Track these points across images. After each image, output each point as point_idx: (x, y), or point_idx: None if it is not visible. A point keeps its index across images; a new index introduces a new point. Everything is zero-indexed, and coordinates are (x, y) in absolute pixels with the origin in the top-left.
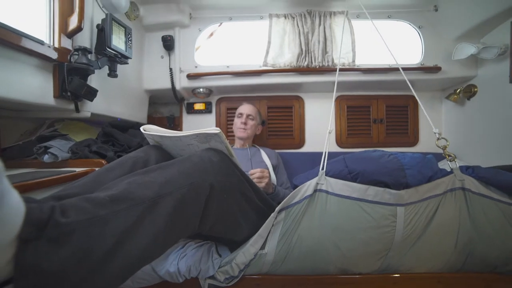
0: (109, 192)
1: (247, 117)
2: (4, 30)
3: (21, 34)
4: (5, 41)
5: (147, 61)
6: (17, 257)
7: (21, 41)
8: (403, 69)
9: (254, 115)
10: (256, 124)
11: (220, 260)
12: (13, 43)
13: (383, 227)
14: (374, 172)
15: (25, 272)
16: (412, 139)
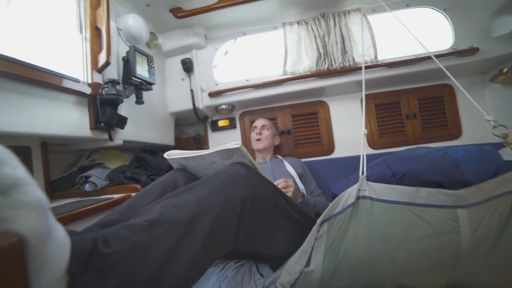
0: (146, 217)
1: (261, 128)
2: (47, 75)
3: (61, 76)
4: (49, 84)
5: (169, 85)
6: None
7: (62, 82)
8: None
9: (268, 126)
10: (272, 134)
11: (263, 281)
12: (55, 84)
13: (444, 234)
14: (422, 171)
15: None
16: (454, 131)
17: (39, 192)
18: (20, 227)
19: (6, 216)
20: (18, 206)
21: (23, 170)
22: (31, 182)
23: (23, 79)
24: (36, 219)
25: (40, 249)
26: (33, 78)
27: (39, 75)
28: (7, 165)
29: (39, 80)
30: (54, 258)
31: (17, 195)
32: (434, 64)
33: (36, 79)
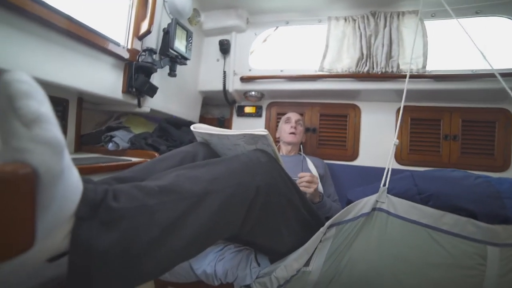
0: (158, 183)
1: (296, 122)
2: (93, 34)
3: (105, 38)
4: (93, 43)
5: (203, 64)
6: (73, 233)
7: (105, 43)
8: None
9: (302, 122)
10: (304, 130)
11: (258, 270)
12: (99, 44)
13: (465, 268)
14: (454, 196)
15: (78, 247)
16: (501, 163)
17: (58, 132)
18: (34, 160)
19: (25, 147)
20: (37, 141)
21: (49, 107)
22: (53, 121)
23: (71, 35)
24: (50, 157)
25: (51, 186)
26: (80, 35)
27: (86, 33)
28: (35, 100)
29: (85, 38)
30: (64, 198)
31: (38, 130)
32: (494, 83)
33: (83, 36)
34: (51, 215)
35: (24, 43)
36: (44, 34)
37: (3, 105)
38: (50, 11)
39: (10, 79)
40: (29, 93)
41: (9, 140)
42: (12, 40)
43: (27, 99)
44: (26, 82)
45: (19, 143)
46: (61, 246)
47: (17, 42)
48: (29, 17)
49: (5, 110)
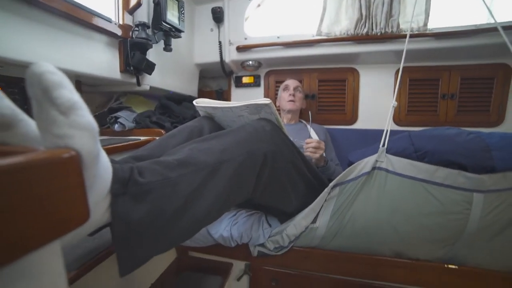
0: (175, 157)
1: (295, 90)
2: (83, 11)
3: (95, 14)
4: (83, 21)
5: (197, 35)
6: (112, 207)
7: (95, 20)
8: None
9: (301, 88)
10: (303, 97)
11: (270, 230)
12: (90, 22)
13: (453, 213)
14: (448, 151)
15: (118, 219)
16: (495, 118)
17: (91, 117)
18: (76, 144)
19: (66, 133)
20: (75, 126)
21: (78, 95)
22: (85, 107)
23: (61, 14)
24: (89, 140)
25: (92, 167)
26: (71, 14)
27: (76, 11)
28: (67, 89)
29: (75, 16)
30: (101, 178)
31: (75, 117)
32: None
33: (74, 15)
34: (95, 192)
35: (12, 25)
36: (33, 15)
37: (38, 96)
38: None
39: (41, 71)
40: (62, 83)
41: (49, 128)
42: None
43: (61, 89)
44: (56, 73)
45: (60, 130)
46: (102, 220)
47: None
48: None
49: (41, 101)
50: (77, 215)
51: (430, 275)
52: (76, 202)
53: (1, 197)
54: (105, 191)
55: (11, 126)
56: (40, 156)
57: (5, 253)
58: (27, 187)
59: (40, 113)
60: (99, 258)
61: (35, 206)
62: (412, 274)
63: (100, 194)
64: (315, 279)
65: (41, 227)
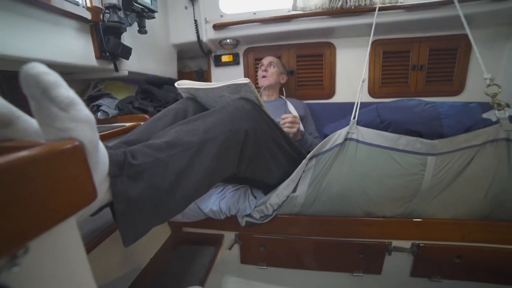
0: (163, 139)
1: (268, 65)
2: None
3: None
4: (45, 4)
5: (172, 14)
6: (111, 187)
7: (59, 2)
8: (461, 1)
9: (275, 63)
10: (279, 72)
11: (255, 201)
12: (53, 6)
13: (411, 175)
14: (407, 121)
15: (118, 197)
16: (457, 87)
17: (88, 111)
18: (79, 135)
19: (68, 127)
20: (76, 120)
21: (73, 92)
22: (81, 102)
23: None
24: (89, 131)
25: (94, 153)
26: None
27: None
28: (63, 87)
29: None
30: (101, 163)
31: (74, 111)
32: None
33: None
34: (98, 175)
35: None
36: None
37: (37, 95)
38: None
39: (36, 72)
40: (58, 82)
41: (52, 123)
42: None
43: (58, 88)
44: (50, 73)
45: (63, 125)
46: (104, 199)
47: None
48: None
49: (41, 100)
50: (88, 194)
51: (395, 228)
52: (86, 184)
53: (30, 183)
54: (104, 174)
55: (11, 123)
56: (52, 147)
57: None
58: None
59: (40, 110)
60: (101, 237)
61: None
62: (381, 229)
63: (101, 176)
64: (298, 242)
65: (62, 205)
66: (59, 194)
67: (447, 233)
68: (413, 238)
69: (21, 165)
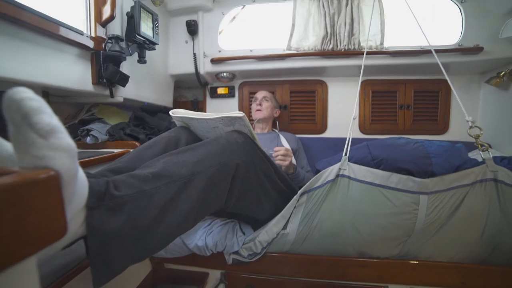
0: (150, 170)
1: (262, 99)
2: (52, 24)
3: (65, 26)
4: (52, 33)
5: (172, 47)
6: (87, 220)
7: (66, 32)
8: (437, 51)
9: (269, 97)
10: (272, 106)
11: (244, 238)
12: (59, 34)
13: (404, 214)
14: (398, 159)
15: (93, 232)
16: (442, 127)
17: (69, 139)
18: (56, 164)
19: (46, 155)
20: (54, 148)
21: (57, 118)
22: (63, 130)
23: (27, 26)
24: (68, 160)
25: (70, 185)
26: (38, 26)
27: (44, 24)
28: (46, 114)
29: (43, 29)
30: (78, 193)
31: (54, 139)
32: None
33: (41, 27)
34: (72, 207)
35: None
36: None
37: (16, 120)
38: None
39: (19, 97)
40: (41, 109)
41: (28, 150)
42: None
43: (40, 114)
44: (35, 99)
45: (40, 152)
46: (77, 233)
47: None
48: None
49: (20, 125)
50: (56, 230)
51: (391, 271)
52: (55, 218)
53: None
54: (81, 205)
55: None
56: (23, 176)
57: None
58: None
59: (18, 136)
60: (70, 274)
61: (17, 223)
62: (376, 271)
63: (76, 208)
64: (288, 283)
65: (21, 243)
66: (22, 229)
67: (446, 277)
68: (411, 283)
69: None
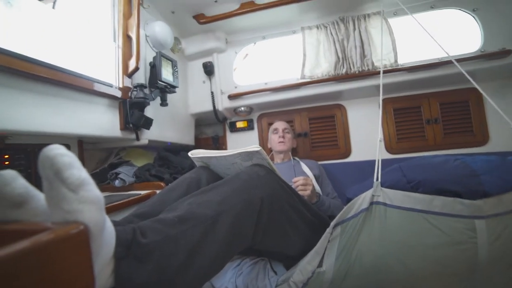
0: (175, 213)
1: (283, 131)
2: (86, 81)
3: (97, 81)
4: (87, 89)
5: (191, 88)
6: (116, 272)
7: (98, 87)
8: (458, 61)
9: (289, 129)
10: (292, 137)
11: (276, 278)
12: (92, 89)
13: (460, 243)
14: (438, 180)
15: (122, 283)
16: (480, 138)
17: (98, 191)
18: (85, 218)
19: (76, 208)
20: (84, 201)
21: (86, 172)
22: (92, 182)
23: (66, 85)
24: (96, 213)
25: (99, 237)
26: (74, 84)
27: (79, 81)
28: (76, 168)
29: (79, 86)
30: (106, 244)
31: (83, 192)
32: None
33: (77, 84)
34: (101, 260)
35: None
36: (38, 89)
37: (50, 176)
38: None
39: (53, 154)
40: (71, 164)
41: (59, 204)
42: (10, 101)
43: (71, 169)
44: (66, 155)
45: (70, 206)
46: (106, 284)
47: (15, 102)
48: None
49: (52, 180)
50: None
51: None
52: (84, 275)
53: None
54: (110, 255)
55: (24, 203)
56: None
57: None
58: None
59: (51, 191)
60: None
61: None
62: None
63: (105, 259)
64: None
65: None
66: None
67: None
68: None
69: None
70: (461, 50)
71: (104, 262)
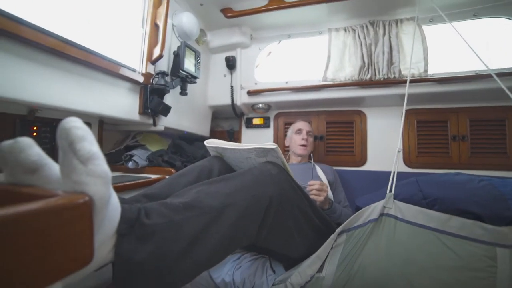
0: (181, 200)
1: (307, 134)
2: (113, 64)
3: (122, 65)
4: (113, 72)
5: (211, 80)
6: (116, 247)
7: (123, 70)
8: (498, 75)
9: (312, 132)
10: (312, 141)
11: (274, 277)
12: (118, 73)
13: (475, 271)
14: (459, 199)
15: (120, 260)
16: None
17: (106, 166)
18: (90, 190)
19: (83, 180)
20: (91, 174)
21: (97, 146)
22: (102, 156)
23: (93, 66)
24: (102, 187)
25: (102, 210)
26: (101, 66)
27: (106, 64)
28: (87, 141)
29: (105, 68)
30: (110, 219)
31: (92, 166)
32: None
33: (104, 67)
34: (102, 233)
35: (53, 77)
36: (71, 68)
37: (65, 147)
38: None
39: (69, 126)
40: (84, 137)
41: (70, 175)
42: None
43: (83, 142)
44: (81, 128)
45: (78, 177)
46: (106, 258)
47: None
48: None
49: (66, 151)
50: (81, 257)
51: None
52: (83, 245)
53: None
54: (112, 231)
55: (37, 169)
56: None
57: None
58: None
59: (64, 161)
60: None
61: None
62: None
63: (107, 234)
64: None
65: (48, 268)
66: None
67: None
68: None
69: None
70: (503, 63)
71: (106, 236)
